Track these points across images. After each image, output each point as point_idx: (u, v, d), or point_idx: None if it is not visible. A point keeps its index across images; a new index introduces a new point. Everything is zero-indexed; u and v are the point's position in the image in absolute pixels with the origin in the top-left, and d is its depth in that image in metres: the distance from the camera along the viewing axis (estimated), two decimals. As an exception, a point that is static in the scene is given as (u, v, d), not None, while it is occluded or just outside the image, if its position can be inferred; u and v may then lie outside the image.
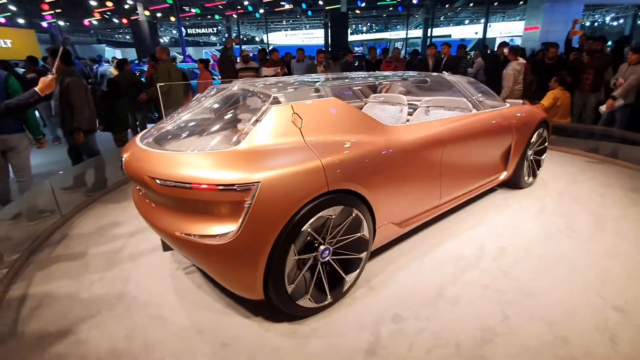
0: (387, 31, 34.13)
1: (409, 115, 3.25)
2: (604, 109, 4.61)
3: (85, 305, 2.14)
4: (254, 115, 1.91)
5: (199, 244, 1.69)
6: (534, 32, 16.17)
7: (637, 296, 2.10)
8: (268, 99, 1.97)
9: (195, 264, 2.32)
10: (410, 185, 2.34)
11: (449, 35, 29.65)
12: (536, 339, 1.80)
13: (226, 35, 29.60)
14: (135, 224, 3.09)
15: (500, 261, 2.48)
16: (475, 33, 27.55)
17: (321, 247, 1.88)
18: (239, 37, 25.16)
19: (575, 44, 6.48)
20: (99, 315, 2.06)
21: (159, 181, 1.71)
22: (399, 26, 33.16)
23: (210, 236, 1.66)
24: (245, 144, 1.74)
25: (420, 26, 28.66)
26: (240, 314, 2.02)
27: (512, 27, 27.98)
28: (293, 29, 35.08)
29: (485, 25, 16.27)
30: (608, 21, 25.46)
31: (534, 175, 3.73)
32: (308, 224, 1.74)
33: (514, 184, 3.60)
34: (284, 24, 34.36)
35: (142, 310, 2.09)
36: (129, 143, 2.19)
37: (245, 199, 1.60)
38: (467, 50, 9.81)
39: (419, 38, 27.17)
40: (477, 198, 3.41)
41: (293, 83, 2.46)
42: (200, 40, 34.69)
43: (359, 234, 2.03)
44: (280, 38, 33.98)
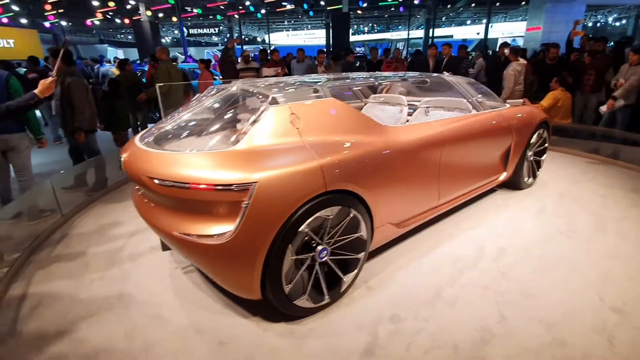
0: (389, 31, 34.13)
1: (408, 116, 3.25)
2: (604, 109, 4.60)
3: (85, 305, 2.15)
4: (253, 115, 1.91)
5: (197, 244, 1.69)
6: (536, 33, 16.15)
7: (637, 298, 2.09)
8: (266, 99, 1.98)
9: (193, 264, 2.32)
10: (408, 186, 2.34)
11: (451, 36, 29.63)
12: (534, 340, 1.80)
13: (228, 36, 29.67)
14: (135, 223, 3.10)
15: (499, 262, 2.48)
16: (477, 33, 27.53)
17: (319, 248, 1.88)
18: (240, 38, 25.22)
19: (577, 44, 6.46)
20: (98, 314, 2.07)
21: (157, 181, 1.72)
22: (400, 26, 33.16)
23: (207, 236, 1.67)
24: (243, 144, 1.75)
25: (421, 27, 28.66)
26: (238, 314, 2.03)
27: (514, 28, 27.96)
28: (295, 30, 35.14)
29: (486, 25, 16.25)
30: (610, 22, 25.38)
31: (534, 176, 3.72)
32: (305, 224, 1.75)
33: (513, 184, 3.59)
34: (285, 24, 34.41)
35: (142, 310, 2.10)
36: (128, 143, 2.20)
37: (242, 199, 1.61)
38: (469, 51, 9.79)
39: (421, 38, 27.16)
40: (477, 199, 3.40)
41: (292, 83, 2.47)
42: (202, 41, 34.77)
43: (357, 235, 2.03)
44: (282, 38, 34.04)
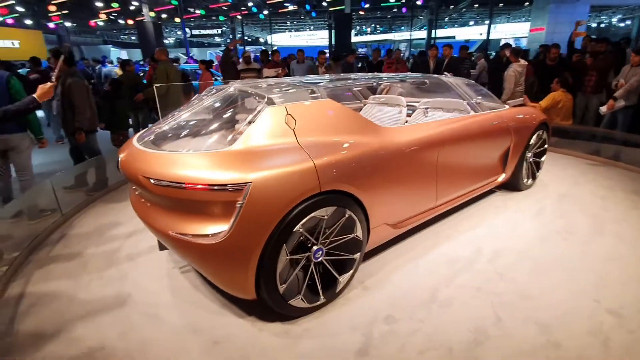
0: (391, 32, 34.11)
1: (407, 117, 3.25)
2: (604, 109, 4.58)
3: (83, 304, 2.16)
4: (249, 116, 1.92)
5: (192, 244, 1.70)
6: (539, 34, 16.06)
7: (634, 300, 2.08)
8: (263, 99, 1.99)
9: (189, 264, 2.33)
10: (405, 187, 2.34)
11: (454, 37, 29.57)
12: (529, 342, 1.79)
13: (230, 37, 29.76)
14: (134, 224, 3.12)
15: (496, 263, 2.47)
16: (480, 34, 27.46)
17: (314, 248, 1.88)
18: (242, 39, 25.29)
19: (578, 45, 6.43)
20: (95, 314, 2.08)
21: (153, 181, 1.73)
22: (403, 27, 33.14)
23: (202, 236, 1.68)
24: (239, 145, 1.76)
25: (424, 27, 28.64)
26: (234, 314, 2.03)
27: (517, 28, 27.85)
28: (297, 30, 35.19)
29: (488, 26, 16.21)
30: (615, 22, 25.24)
31: (534, 177, 3.71)
32: (300, 225, 1.75)
33: (513, 186, 3.58)
34: (288, 25, 34.47)
35: (138, 309, 2.11)
36: (126, 143, 2.22)
37: (237, 199, 1.62)
38: (470, 52, 9.75)
39: (424, 39, 27.13)
40: (475, 200, 3.40)
41: (290, 84, 2.47)
42: (205, 42, 34.91)
43: (352, 235, 2.03)
44: (284, 39, 34.09)
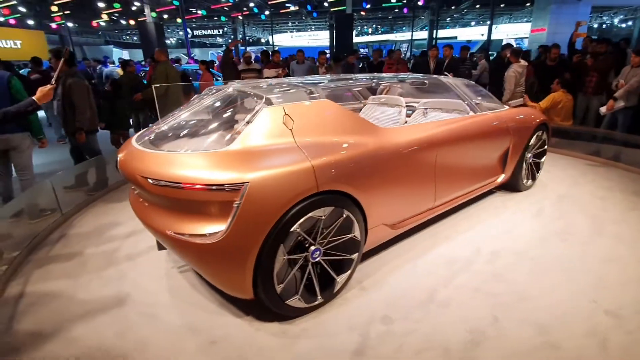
0: (393, 33, 34.10)
1: (407, 117, 3.25)
2: (604, 110, 4.57)
3: (82, 304, 2.17)
4: (247, 116, 1.93)
5: (190, 243, 1.71)
6: (541, 34, 16.01)
7: (632, 301, 2.08)
8: (260, 100, 1.99)
9: (187, 264, 2.34)
10: (403, 187, 2.34)
11: (455, 37, 29.55)
12: (526, 343, 1.79)
13: (232, 37, 29.81)
14: (134, 223, 3.12)
15: (494, 264, 2.47)
16: (482, 35, 27.43)
17: (312, 248, 1.89)
18: (243, 39, 25.33)
19: (579, 46, 6.41)
20: (94, 313, 2.08)
21: (151, 180, 1.74)
22: (404, 28, 33.12)
23: (200, 235, 1.68)
24: (236, 145, 1.76)
25: (426, 28, 28.61)
26: (232, 313, 2.04)
27: (519, 29, 27.83)
28: (299, 31, 35.21)
29: (489, 27, 16.18)
30: (616, 23, 25.17)
31: (533, 178, 3.70)
32: (297, 225, 1.75)
33: (512, 186, 3.58)
34: (289, 25, 34.48)
35: (137, 309, 2.11)
36: (126, 143, 2.23)
37: (234, 199, 1.62)
38: (472, 52, 9.75)
39: (425, 40, 27.11)
40: (475, 200, 3.39)
41: (289, 84, 2.48)
42: (207, 42, 34.96)
43: (350, 235, 2.03)
44: (286, 39, 34.13)
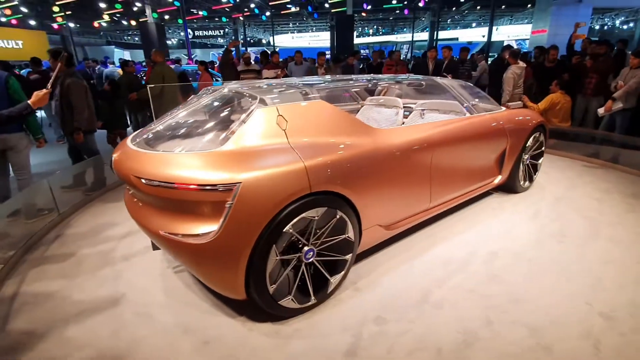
0: (394, 34, 34.13)
1: (404, 118, 3.25)
2: (602, 111, 4.56)
3: (76, 304, 2.17)
4: (241, 116, 1.93)
5: (183, 243, 1.71)
6: (541, 36, 16.04)
7: (626, 304, 2.07)
8: (255, 100, 2.00)
9: (181, 264, 2.34)
10: (398, 188, 2.34)
11: (456, 39, 29.58)
12: (518, 345, 1.79)
13: (233, 37, 29.87)
14: (130, 224, 3.11)
15: (489, 265, 2.47)
16: (483, 36, 27.41)
17: (305, 248, 1.89)
18: (243, 40, 25.39)
19: (578, 47, 6.40)
20: (89, 313, 2.08)
21: (144, 180, 1.74)
22: (405, 29, 33.15)
23: (192, 235, 1.69)
24: (230, 145, 1.77)
25: (426, 29, 28.61)
26: (225, 313, 2.04)
27: (520, 31, 27.86)
28: (299, 32, 35.27)
29: (489, 28, 16.16)
30: (618, 25, 25.15)
31: (531, 179, 3.70)
32: (290, 225, 1.76)
33: (509, 188, 3.58)
34: (290, 26, 34.55)
35: (132, 309, 2.12)
36: (121, 143, 2.23)
37: (226, 199, 1.62)
38: (472, 53, 9.76)
39: (426, 41, 27.12)
40: (472, 202, 3.39)
41: (285, 85, 2.48)
42: (208, 43, 35.03)
43: (344, 236, 2.03)
44: (286, 40, 34.20)
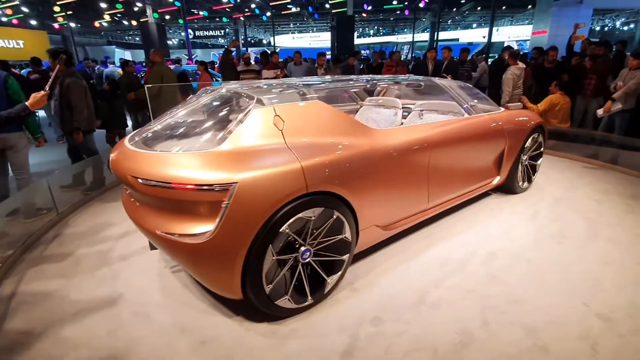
0: (394, 34, 34.14)
1: (403, 119, 3.25)
2: (601, 112, 4.56)
3: (74, 303, 2.17)
4: (238, 116, 1.93)
5: (179, 243, 1.71)
6: (542, 37, 16.03)
7: (624, 305, 2.07)
8: (252, 100, 2.00)
9: (177, 263, 2.34)
10: (395, 189, 2.34)
11: (457, 39, 29.58)
12: (515, 345, 1.78)
13: (233, 38, 29.91)
14: (128, 223, 3.09)
15: (488, 266, 2.47)
16: (483, 37, 27.43)
17: (302, 249, 1.89)
18: (244, 40, 25.43)
19: (577, 48, 6.40)
20: (86, 313, 2.08)
21: (141, 180, 1.74)
22: (406, 30, 33.17)
23: (188, 235, 1.69)
24: (226, 145, 1.77)
25: (427, 30, 28.63)
26: (222, 313, 2.04)
27: (521, 32, 27.86)
28: (300, 32, 35.30)
29: (490, 29, 16.16)
30: (618, 26, 25.14)
31: (529, 180, 3.69)
32: (287, 225, 1.75)
33: (508, 189, 3.57)
34: (291, 27, 34.59)
35: (129, 309, 2.12)
36: (118, 143, 2.23)
37: (222, 199, 1.62)
38: (476, 53, 9.79)
39: (426, 42, 27.13)
40: (470, 202, 3.39)
41: (283, 85, 2.48)
42: (209, 43, 35.08)
43: (341, 236, 2.03)
44: (287, 41, 34.22)
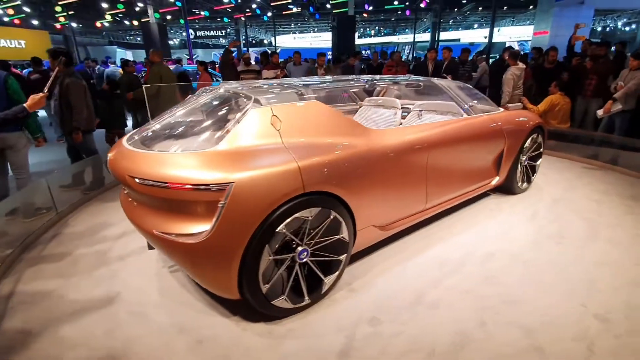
0: (396, 35, 34.13)
1: (402, 119, 3.24)
2: (601, 112, 4.55)
3: (72, 303, 2.18)
4: (235, 116, 1.93)
5: (176, 243, 1.71)
6: (543, 37, 16.00)
7: (622, 306, 2.06)
8: (249, 100, 2.00)
9: (175, 263, 2.34)
10: (393, 189, 2.34)
11: (458, 39, 29.54)
12: (511, 346, 1.78)
13: (234, 38, 29.94)
14: (126, 223, 3.06)
15: (485, 266, 2.46)
16: (485, 37, 27.40)
17: (299, 248, 1.89)
18: (245, 40, 25.47)
19: (578, 49, 6.39)
20: (84, 312, 2.09)
21: (138, 180, 1.75)
22: (407, 30, 33.15)
23: (185, 235, 1.69)
24: (223, 145, 1.77)
25: (428, 30, 28.61)
26: (219, 313, 2.04)
27: (522, 32, 27.83)
28: (301, 32, 35.31)
29: (491, 30, 16.13)
30: (620, 26, 25.09)
31: (529, 180, 3.69)
32: (283, 225, 1.76)
33: (507, 189, 3.57)
34: (292, 27, 34.60)
35: (127, 308, 2.12)
36: (117, 143, 2.24)
37: (219, 199, 1.63)
38: (478, 53, 9.77)
39: (427, 42, 27.10)
40: (469, 203, 3.38)
41: (281, 85, 2.49)
42: (210, 43, 35.12)
43: (338, 236, 2.03)
44: (288, 41, 34.23)
